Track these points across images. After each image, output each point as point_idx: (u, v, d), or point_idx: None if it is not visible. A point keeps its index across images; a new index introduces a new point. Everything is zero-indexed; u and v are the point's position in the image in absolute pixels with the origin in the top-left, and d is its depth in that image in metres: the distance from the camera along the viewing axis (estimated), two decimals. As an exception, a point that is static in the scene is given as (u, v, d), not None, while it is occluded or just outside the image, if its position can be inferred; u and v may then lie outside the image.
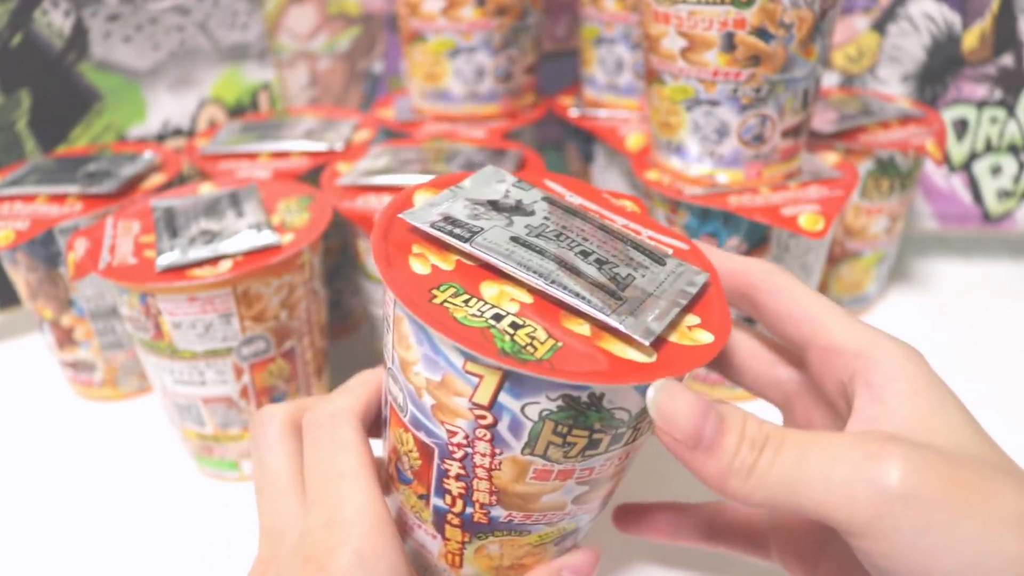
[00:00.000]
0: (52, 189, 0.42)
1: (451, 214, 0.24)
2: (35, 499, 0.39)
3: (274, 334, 0.36)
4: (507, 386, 0.21)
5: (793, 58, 0.35)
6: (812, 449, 0.21)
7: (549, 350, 0.21)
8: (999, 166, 0.55)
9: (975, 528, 0.19)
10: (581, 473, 0.23)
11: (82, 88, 0.53)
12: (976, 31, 0.52)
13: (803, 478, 0.20)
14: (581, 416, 0.21)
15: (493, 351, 0.20)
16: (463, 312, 0.21)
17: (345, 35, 0.60)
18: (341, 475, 0.24)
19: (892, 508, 0.19)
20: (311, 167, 0.45)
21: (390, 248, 0.23)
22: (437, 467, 0.23)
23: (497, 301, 0.22)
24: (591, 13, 0.50)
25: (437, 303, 0.21)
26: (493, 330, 0.21)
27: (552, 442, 0.22)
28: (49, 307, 0.43)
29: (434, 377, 0.22)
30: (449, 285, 0.22)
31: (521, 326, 0.21)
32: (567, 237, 0.24)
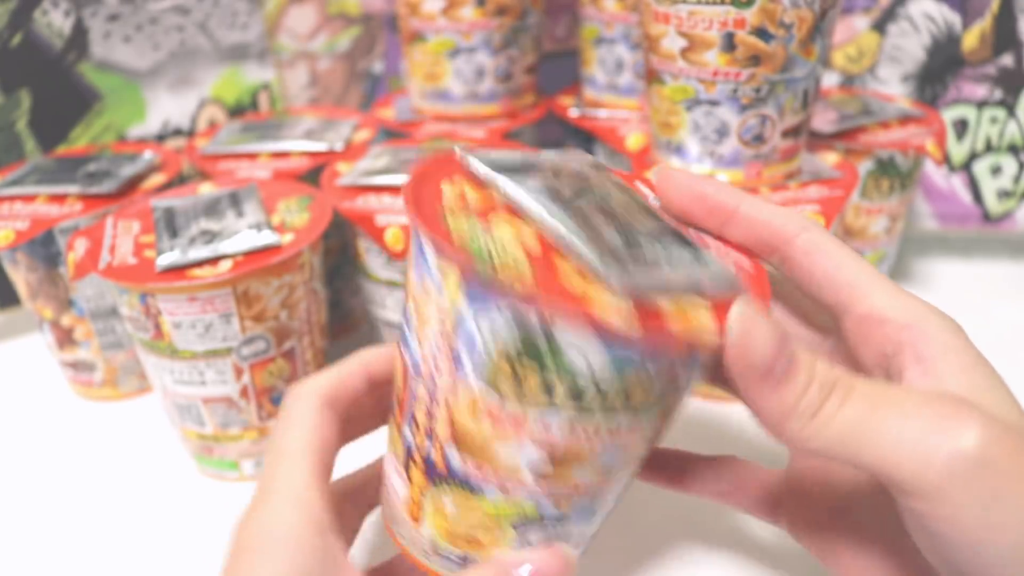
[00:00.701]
0: (52, 189, 0.42)
1: (500, 162, 0.24)
2: (35, 499, 0.39)
3: (274, 334, 0.36)
4: (467, 294, 0.20)
5: (793, 58, 0.35)
6: (882, 402, 0.20)
7: (526, 273, 0.20)
8: (999, 166, 0.55)
9: None
10: (536, 429, 0.21)
11: (82, 88, 0.53)
12: (976, 31, 0.52)
13: (870, 431, 0.19)
14: (531, 345, 0.20)
15: (458, 249, 0.20)
16: (458, 223, 0.21)
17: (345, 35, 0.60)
18: (280, 451, 0.24)
19: (965, 473, 0.18)
20: (311, 167, 0.45)
21: (419, 181, 0.23)
22: (411, 389, 0.23)
23: (500, 234, 0.21)
24: (591, 13, 0.50)
25: (438, 212, 0.21)
26: (474, 238, 0.20)
27: (503, 372, 0.21)
28: (49, 307, 0.43)
29: (417, 280, 0.22)
30: (464, 211, 0.22)
31: (507, 252, 0.20)
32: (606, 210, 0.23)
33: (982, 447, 0.18)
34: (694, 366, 0.22)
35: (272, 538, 0.22)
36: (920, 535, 0.20)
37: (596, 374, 0.20)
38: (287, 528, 0.23)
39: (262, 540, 0.22)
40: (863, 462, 0.19)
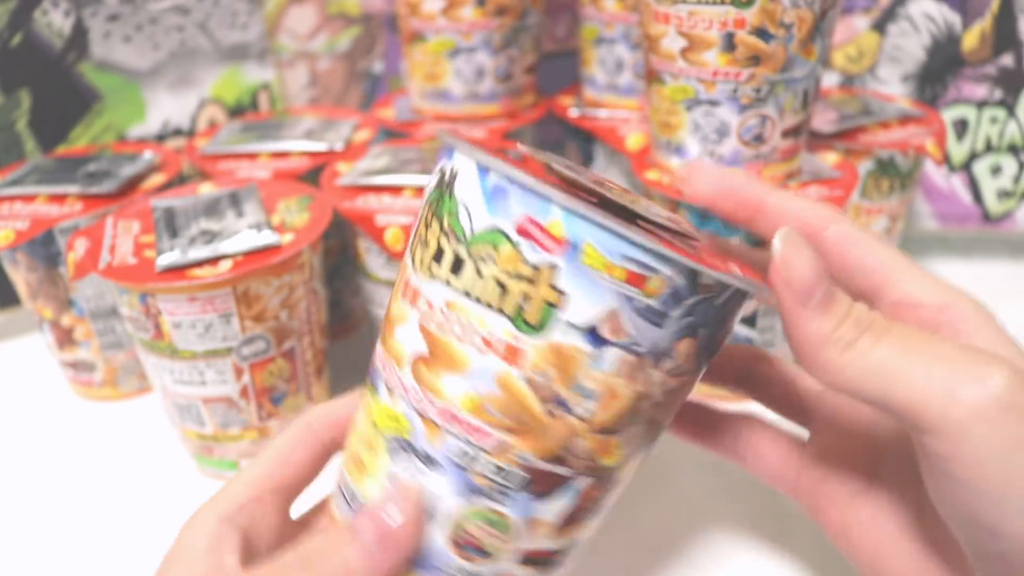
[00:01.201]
0: (52, 189, 0.42)
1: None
2: (35, 499, 0.39)
3: (274, 334, 0.36)
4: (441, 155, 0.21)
5: (793, 58, 0.35)
6: (917, 342, 0.20)
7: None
8: (999, 166, 0.55)
9: None
10: (423, 304, 0.20)
11: (82, 88, 0.53)
12: (976, 31, 0.52)
13: (900, 369, 0.20)
14: (440, 199, 0.20)
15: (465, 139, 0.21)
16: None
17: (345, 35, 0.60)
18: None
19: (990, 413, 0.18)
20: (311, 167, 0.45)
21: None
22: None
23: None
24: (591, 13, 0.50)
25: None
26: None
27: (419, 235, 0.21)
28: (49, 307, 0.43)
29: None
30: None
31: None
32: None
33: (1010, 391, 0.18)
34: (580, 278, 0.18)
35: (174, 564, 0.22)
36: (941, 484, 0.20)
37: (474, 235, 0.19)
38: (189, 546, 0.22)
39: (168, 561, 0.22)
40: (891, 400, 0.20)
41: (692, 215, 0.39)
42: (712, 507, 0.36)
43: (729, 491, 0.37)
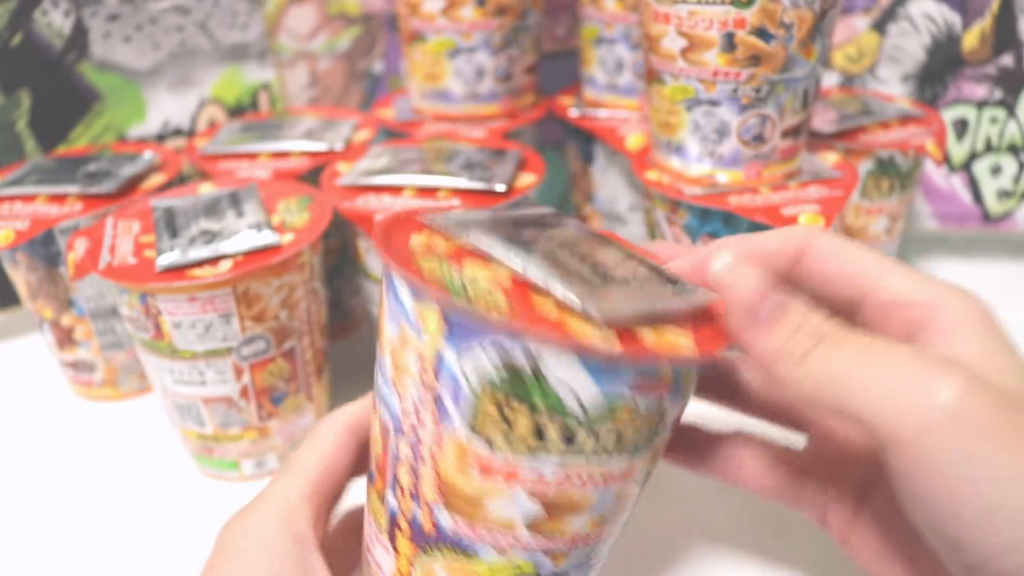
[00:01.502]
0: (52, 189, 0.42)
1: (463, 218, 0.24)
2: (35, 499, 0.39)
3: (274, 334, 0.36)
4: (448, 335, 0.19)
5: (793, 58, 0.35)
6: (871, 352, 0.20)
7: (503, 306, 0.19)
8: (999, 166, 0.55)
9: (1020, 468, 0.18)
10: (529, 477, 0.20)
11: (82, 88, 0.53)
12: (976, 31, 0.52)
13: (855, 377, 0.19)
14: (518, 383, 0.19)
15: (436, 287, 0.19)
16: (431, 265, 0.21)
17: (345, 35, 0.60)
18: (289, 464, 0.25)
19: (940, 425, 0.18)
20: (311, 167, 0.45)
21: (391, 230, 0.23)
22: (392, 449, 0.22)
23: (474, 275, 0.21)
24: (591, 13, 0.50)
25: (410, 255, 0.21)
26: (449, 279, 0.20)
27: (491, 416, 0.20)
28: (49, 307, 0.43)
29: (394, 330, 0.21)
30: (436, 257, 0.22)
31: (481, 288, 0.20)
32: (575, 251, 0.23)
33: (958, 401, 0.18)
34: (678, 397, 0.22)
35: (249, 543, 0.23)
36: (903, 496, 0.20)
37: (587, 411, 0.20)
38: (266, 536, 0.23)
39: (240, 544, 0.23)
40: (848, 409, 0.20)
41: (692, 215, 0.39)
42: (712, 507, 0.36)
43: (729, 491, 0.37)
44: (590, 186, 0.54)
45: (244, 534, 0.23)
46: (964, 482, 0.18)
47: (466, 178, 0.40)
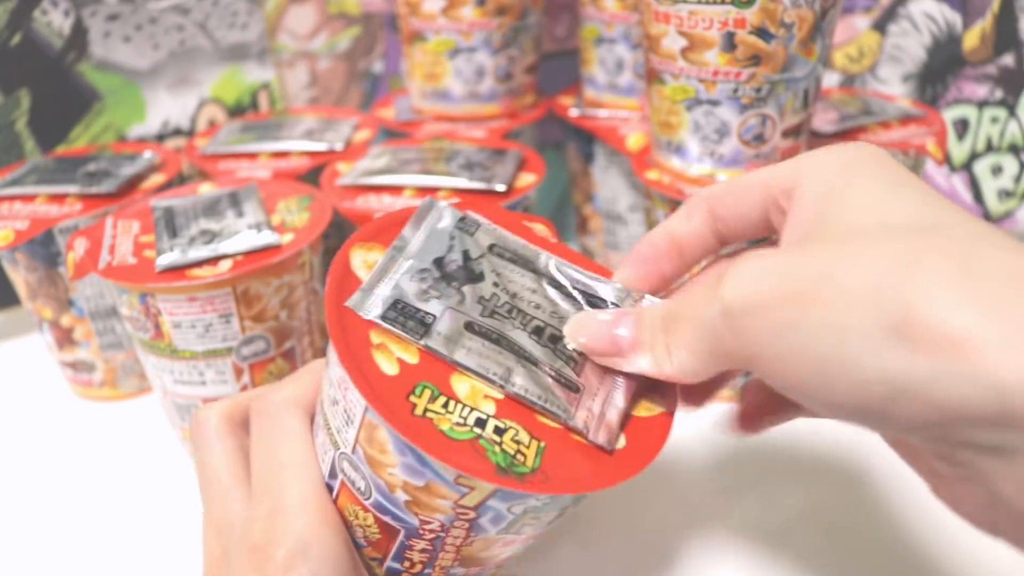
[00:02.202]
0: (52, 189, 0.42)
1: (400, 297, 0.23)
2: (35, 499, 0.39)
3: (274, 334, 0.36)
4: (499, 495, 0.21)
5: (794, 58, 0.35)
6: (683, 309, 0.22)
7: (536, 455, 0.21)
8: (1000, 166, 0.55)
9: (821, 314, 0.18)
10: (542, 532, 0.24)
11: (82, 88, 0.53)
12: (977, 31, 0.52)
13: (693, 337, 0.21)
14: (556, 507, 0.23)
15: (490, 469, 0.20)
16: (448, 423, 0.21)
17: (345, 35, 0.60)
18: (284, 464, 0.24)
19: (742, 327, 0.19)
20: (311, 167, 0.45)
21: (351, 343, 0.22)
22: (400, 543, 0.23)
23: (473, 401, 0.22)
24: (591, 13, 0.50)
25: (419, 415, 0.21)
26: (482, 441, 0.21)
27: (528, 524, 0.23)
28: (49, 307, 0.43)
29: (415, 482, 0.21)
30: (423, 386, 0.22)
31: (504, 430, 0.21)
32: (518, 310, 0.24)
33: (736, 297, 0.19)
34: None
35: (316, 557, 0.22)
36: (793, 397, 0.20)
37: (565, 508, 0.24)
38: (328, 547, 0.23)
39: (309, 561, 0.22)
40: (716, 363, 0.21)
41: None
42: (712, 507, 0.36)
43: (729, 491, 0.37)
44: (590, 186, 0.54)
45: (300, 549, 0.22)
46: (784, 355, 0.18)
47: (466, 178, 0.40)
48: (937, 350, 0.16)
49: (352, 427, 0.22)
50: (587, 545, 0.34)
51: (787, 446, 0.40)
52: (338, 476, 0.23)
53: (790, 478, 0.38)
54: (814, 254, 0.19)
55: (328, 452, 0.24)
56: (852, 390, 0.17)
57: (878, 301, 0.17)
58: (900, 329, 0.16)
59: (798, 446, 0.40)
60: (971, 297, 0.16)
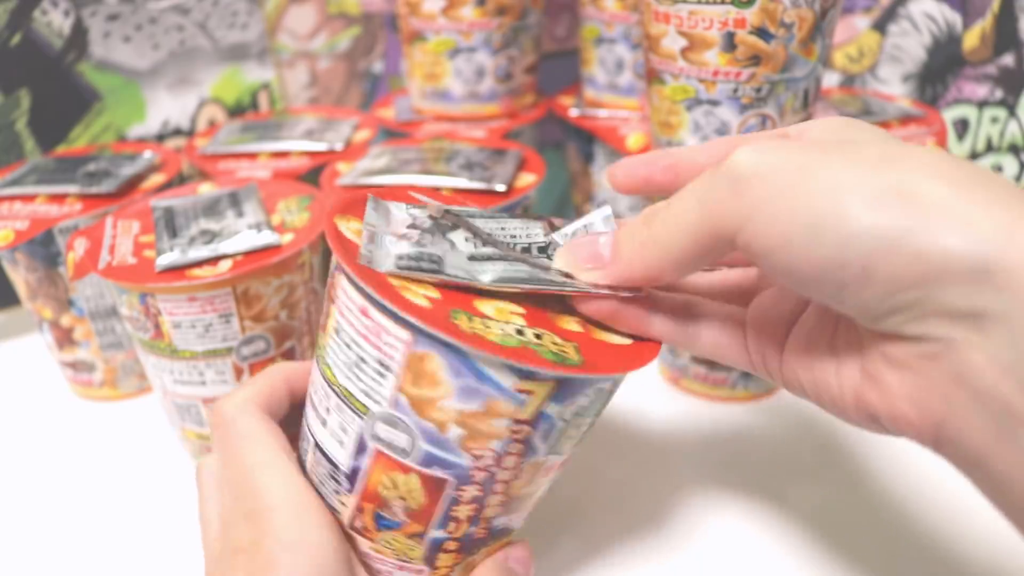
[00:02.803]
0: (52, 189, 0.42)
1: (402, 251, 0.24)
2: (35, 499, 0.39)
3: (274, 334, 0.36)
4: (555, 395, 0.22)
5: (794, 58, 0.35)
6: (672, 199, 0.22)
7: (576, 351, 0.22)
8: (1000, 166, 0.55)
9: (827, 174, 0.19)
10: (567, 460, 0.25)
11: (82, 88, 0.53)
12: (977, 31, 0.52)
13: (684, 208, 0.21)
14: (597, 404, 0.24)
15: (549, 364, 0.21)
16: (494, 334, 0.22)
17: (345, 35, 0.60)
18: (254, 466, 0.24)
19: (747, 187, 0.19)
20: (311, 167, 0.45)
21: (380, 287, 0.22)
22: (448, 498, 0.23)
23: (504, 317, 0.23)
24: (591, 13, 0.50)
25: (466, 330, 0.21)
26: (532, 345, 0.22)
27: (570, 437, 0.24)
28: (48, 307, 0.43)
29: (471, 407, 0.22)
30: (456, 312, 0.22)
31: (541, 335, 0.23)
32: (501, 243, 0.26)
33: (748, 161, 0.20)
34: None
35: (300, 551, 0.23)
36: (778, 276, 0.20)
37: (599, 409, 0.25)
38: (311, 539, 0.23)
39: (291, 554, 0.22)
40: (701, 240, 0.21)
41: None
42: (712, 507, 0.36)
43: (729, 491, 0.37)
44: (590, 186, 0.54)
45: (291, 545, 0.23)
46: (784, 214, 0.19)
47: (466, 178, 0.40)
48: (929, 207, 0.17)
49: (389, 376, 0.22)
50: (587, 545, 0.34)
51: (788, 446, 0.40)
52: (367, 448, 0.23)
53: (791, 478, 0.38)
54: (817, 147, 0.20)
55: (348, 429, 0.24)
56: (840, 244, 0.18)
57: (880, 168, 0.18)
58: (898, 189, 0.18)
59: (799, 446, 0.40)
60: (959, 177, 0.18)
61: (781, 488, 0.37)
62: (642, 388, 0.45)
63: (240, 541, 0.23)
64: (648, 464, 0.39)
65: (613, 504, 0.37)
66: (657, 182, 0.25)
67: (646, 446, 0.40)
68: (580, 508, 0.36)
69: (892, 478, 0.37)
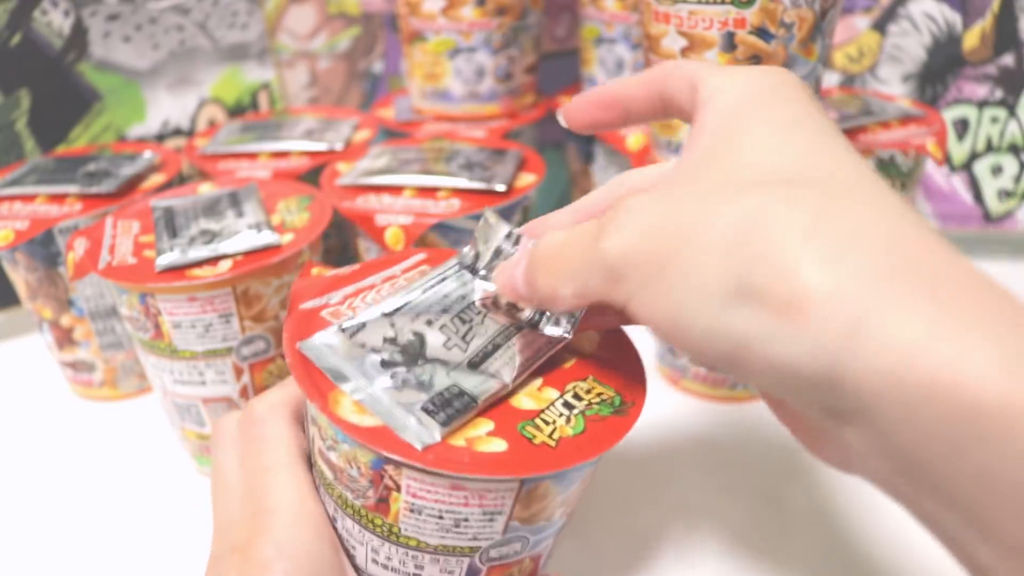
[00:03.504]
0: (52, 189, 0.42)
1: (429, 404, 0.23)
2: (35, 499, 0.39)
3: (274, 334, 0.36)
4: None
5: (794, 58, 0.35)
6: (567, 249, 0.22)
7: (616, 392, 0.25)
8: (1000, 166, 0.55)
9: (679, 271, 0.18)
10: None
11: (82, 88, 0.53)
12: (977, 31, 0.52)
13: (574, 275, 0.21)
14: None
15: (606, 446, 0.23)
16: (567, 428, 0.23)
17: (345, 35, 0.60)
18: (268, 468, 0.25)
19: (620, 277, 0.19)
20: (311, 167, 0.45)
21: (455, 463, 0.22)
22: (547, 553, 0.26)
23: (542, 402, 0.24)
24: (591, 13, 0.50)
25: (551, 443, 0.22)
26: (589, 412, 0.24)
27: None
28: (48, 307, 0.43)
29: (568, 493, 0.24)
30: (523, 426, 0.23)
31: (579, 395, 0.24)
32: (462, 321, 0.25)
33: (616, 247, 0.20)
34: None
35: (291, 558, 0.23)
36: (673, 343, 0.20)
37: None
38: (304, 547, 0.23)
39: (282, 562, 0.22)
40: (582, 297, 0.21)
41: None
42: (712, 507, 0.36)
43: (729, 491, 0.37)
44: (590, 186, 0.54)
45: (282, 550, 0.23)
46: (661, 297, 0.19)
47: (466, 178, 0.40)
48: (775, 311, 0.17)
49: (500, 518, 0.23)
50: (586, 545, 0.34)
51: (787, 446, 0.40)
52: (480, 569, 0.24)
53: (790, 478, 0.38)
54: (687, 202, 0.19)
55: (454, 570, 0.24)
56: (705, 341, 0.18)
57: (726, 263, 0.17)
58: (743, 290, 0.17)
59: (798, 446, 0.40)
60: (811, 257, 0.16)
61: (780, 488, 0.37)
62: (642, 388, 0.45)
63: (238, 540, 0.23)
64: (648, 464, 0.39)
65: (613, 504, 0.37)
66: (612, 122, 0.26)
67: (646, 446, 0.40)
68: (579, 508, 0.36)
69: (892, 478, 0.37)
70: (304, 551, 0.23)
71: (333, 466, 0.23)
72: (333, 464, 0.23)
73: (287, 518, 0.23)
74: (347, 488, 0.23)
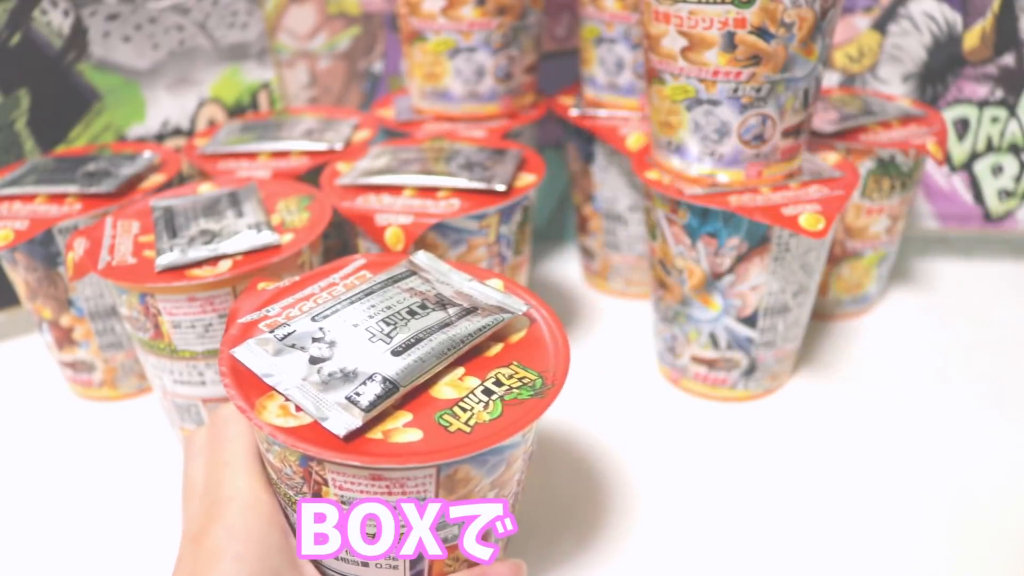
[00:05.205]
0: (51, 189, 0.42)
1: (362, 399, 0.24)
2: (35, 499, 0.39)
3: (274, 334, 0.36)
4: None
5: (794, 57, 0.35)
6: None
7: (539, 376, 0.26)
8: (1000, 166, 0.55)
9: None
10: None
11: (81, 88, 0.53)
12: (977, 31, 0.52)
13: None
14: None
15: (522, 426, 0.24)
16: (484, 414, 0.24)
17: (345, 35, 0.60)
18: (227, 463, 0.27)
19: None
20: (311, 167, 0.45)
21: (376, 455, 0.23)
22: None
23: (462, 390, 0.25)
24: (591, 13, 0.50)
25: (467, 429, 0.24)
26: (509, 396, 0.25)
27: None
28: (48, 307, 0.43)
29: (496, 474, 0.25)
30: (440, 415, 0.24)
31: (500, 381, 0.26)
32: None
33: None
34: None
35: (242, 542, 0.24)
36: None
37: None
38: (255, 532, 0.25)
39: (233, 546, 0.24)
40: None
41: (692, 215, 0.39)
42: (712, 507, 0.36)
43: (729, 491, 0.37)
44: (590, 186, 0.54)
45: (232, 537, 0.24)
46: None
47: (466, 178, 0.40)
48: None
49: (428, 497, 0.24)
50: (586, 545, 0.34)
51: (787, 446, 0.40)
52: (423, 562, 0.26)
53: (790, 478, 0.38)
54: None
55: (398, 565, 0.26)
56: None
57: None
58: None
59: (799, 446, 0.40)
60: None
61: (780, 488, 0.37)
62: (642, 388, 0.45)
63: (194, 529, 0.25)
64: (648, 464, 0.39)
65: (613, 504, 0.37)
66: None
67: (646, 446, 0.40)
68: (579, 508, 0.36)
69: (891, 479, 0.37)
70: (255, 536, 0.25)
71: (273, 466, 0.25)
72: (272, 464, 0.25)
73: (239, 507, 0.25)
74: (287, 485, 0.25)
